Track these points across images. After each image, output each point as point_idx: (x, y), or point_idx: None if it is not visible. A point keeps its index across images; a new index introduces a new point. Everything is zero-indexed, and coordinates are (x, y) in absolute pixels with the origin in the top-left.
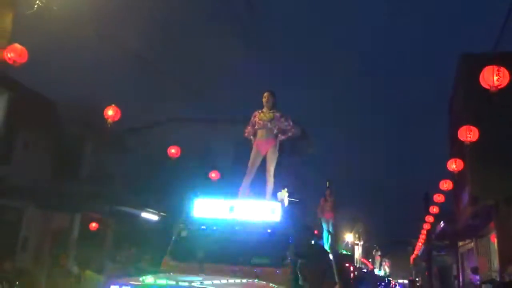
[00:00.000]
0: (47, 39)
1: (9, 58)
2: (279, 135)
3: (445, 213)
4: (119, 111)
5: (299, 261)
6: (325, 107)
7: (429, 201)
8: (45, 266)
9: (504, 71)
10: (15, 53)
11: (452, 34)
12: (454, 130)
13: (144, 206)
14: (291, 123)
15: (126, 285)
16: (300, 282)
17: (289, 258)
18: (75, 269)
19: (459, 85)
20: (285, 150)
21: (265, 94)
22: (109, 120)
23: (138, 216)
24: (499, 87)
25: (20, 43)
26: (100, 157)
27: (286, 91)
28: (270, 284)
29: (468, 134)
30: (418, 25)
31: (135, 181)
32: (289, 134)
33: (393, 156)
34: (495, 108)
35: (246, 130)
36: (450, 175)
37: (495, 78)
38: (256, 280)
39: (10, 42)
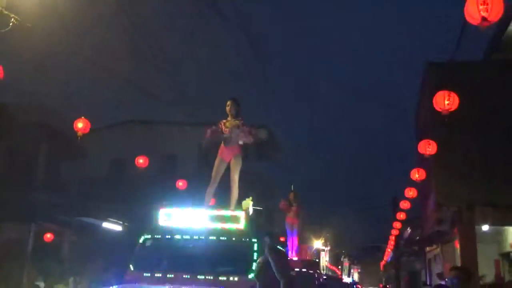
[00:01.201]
0: (21, 52)
1: None
2: (245, 138)
3: (413, 219)
4: (89, 124)
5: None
6: (298, 120)
7: (397, 207)
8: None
9: (454, 96)
10: None
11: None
12: (418, 142)
13: (106, 216)
14: (253, 130)
15: None
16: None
17: (254, 266)
18: (41, 284)
19: (421, 101)
20: (252, 155)
21: (228, 102)
22: (79, 133)
23: (99, 227)
24: (449, 110)
25: None
26: (56, 163)
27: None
28: None
29: (428, 147)
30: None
31: (95, 189)
32: (251, 138)
33: (363, 164)
34: (455, 124)
35: (204, 140)
36: (415, 183)
37: (446, 102)
38: None
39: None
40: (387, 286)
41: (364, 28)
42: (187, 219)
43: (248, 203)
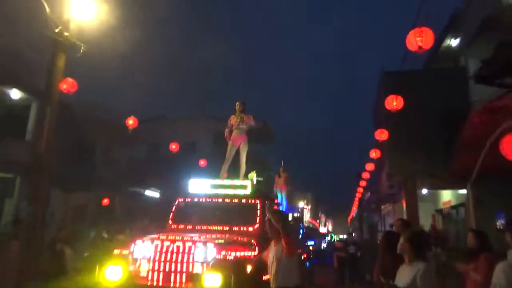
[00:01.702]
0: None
1: (64, 89)
2: (249, 123)
3: (371, 185)
4: (136, 120)
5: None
6: (289, 106)
7: (360, 177)
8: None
9: (400, 98)
10: (68, 85)
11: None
12: (375, 130)
13: (148, 186)
14: (253, 120)
15: (146, 240)
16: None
17: (259, 219)
18: (105, 235)
19: (378, 100)
20: (253, 141)
21: (238, 104)
22: (130, 128)
23: (143, 194)
24: (397, 109)
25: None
26: (109, 146)
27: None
28: (246, 237)
29: (382, 134)
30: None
31: (138, 166)
32: (252, 125)
33: (336, 146)
34: (401, 117)
35: (225, 133)
36: (373, 160)
37: (394, 103)
38: (235, 235)
39: (64, 76)
40: (353, 233)
41: (336, 39)
42: (208, 187)
43: (253, 175)
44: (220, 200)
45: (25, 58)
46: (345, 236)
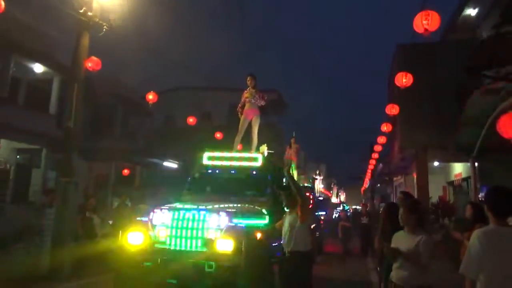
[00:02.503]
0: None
1: (89, 67)
2: (260, 102)
3: (383, 157)
4: (156, 95)
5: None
6: (304, 79)
7: (372, 150)
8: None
9: (409, 76)
10: (93, 63)
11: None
12: (389, 103)
13: (165, 157)
14: (265, 96)
15: (164, 209)
16: (284, 205)
17: (269, 190)
18: (129, 203)
19: (391, 74)
20: (268, 112)
21: (249, 78)
22: (150, 102)
23: (161, 164)
24: (406, 86)
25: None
26: (128, 119)
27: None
28: (256, 206)
29: (392, 109)
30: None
31: (156, 137)
32: (263, 102)
33: (351, 118)
34: (414, 90)
35: (238, 109)
36: (385, 133)
37: (404, 80)
38: (247, 205)
39: (88, 55)
40: (366, 204)
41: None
42: (222, 159)
43: (264, 148)
44: (232, 171)
45: (46, 36)
46: (358, 207)
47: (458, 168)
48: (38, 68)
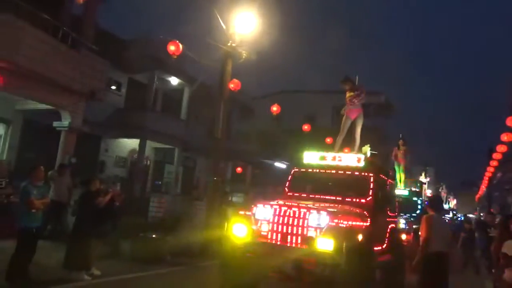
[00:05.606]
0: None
1: (232, 88)
2: (360, 101)
3: (503, 165)
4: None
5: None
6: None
7: (491, 157)
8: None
9: None
10: (234, 84)
11: None
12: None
13: (276, 159)
14: (363, 95)
15: (266, 205)
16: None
17: (371, 192)
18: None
19: None
20: (372, 114)
21: (341, 83)
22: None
23: (272, 165)
24: None
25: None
26: (237, 122)
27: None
28: (357, 208)
29: None
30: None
31: (265, 140)
32: (362, 100)
33: (463, 119)
34: None
35: (342, 111)
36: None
37: None
38: (347, 206)
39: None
40: (481, 214)
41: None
42: (324, 159)
43: (366, 149)
44: (333, 171)
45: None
46: (472, 215)
47: None
48: (174, 80)
